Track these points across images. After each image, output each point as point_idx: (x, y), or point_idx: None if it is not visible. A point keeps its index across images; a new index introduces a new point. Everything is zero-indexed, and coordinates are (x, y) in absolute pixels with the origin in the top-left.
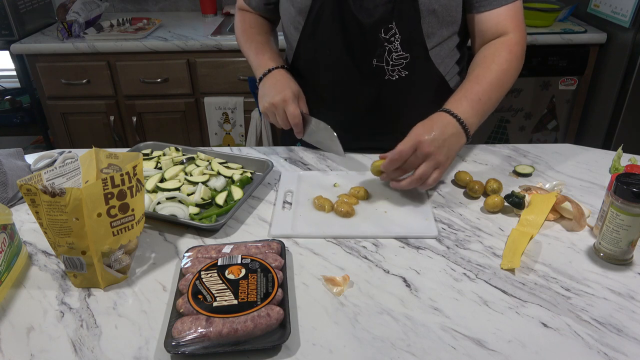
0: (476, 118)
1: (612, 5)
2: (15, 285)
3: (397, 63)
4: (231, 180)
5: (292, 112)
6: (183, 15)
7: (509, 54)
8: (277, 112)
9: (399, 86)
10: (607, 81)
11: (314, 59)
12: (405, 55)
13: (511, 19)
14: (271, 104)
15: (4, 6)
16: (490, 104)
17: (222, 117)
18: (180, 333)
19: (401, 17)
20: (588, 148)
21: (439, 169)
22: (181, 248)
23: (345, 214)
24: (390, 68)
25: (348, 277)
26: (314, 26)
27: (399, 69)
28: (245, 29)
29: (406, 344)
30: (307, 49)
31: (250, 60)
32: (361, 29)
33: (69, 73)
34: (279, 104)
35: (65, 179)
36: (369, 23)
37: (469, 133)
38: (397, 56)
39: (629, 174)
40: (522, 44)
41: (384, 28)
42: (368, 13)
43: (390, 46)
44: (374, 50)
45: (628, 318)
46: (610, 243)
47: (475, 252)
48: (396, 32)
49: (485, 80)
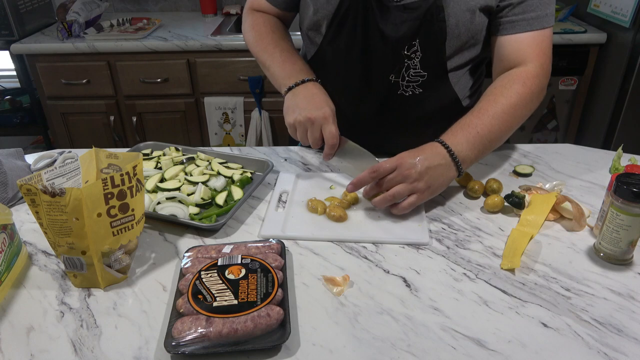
0: (472, 152)
1: (612, 5)
2: (15, 285)
3: (414, 80)
4: (231, 180)
5: (332, 132)
6: (183, 15)
7: (522, 87)
8: (313, 129)
9: (410, 102)
10: (607, 81)
11: (327, 65)
12: (423, 74)
13: (534, 47)
14: (308, 119)
15: (4, 6)
16: (492, 139)
17: (222, 117)
18: (180, 333)
19: (427, 35)
20: (588, 148)
21: (416, 194)
22: (181, 248)
23: (337, 219)
24: (405, 84)
25: (348, 277)
26: (335, 33)
27: (414, 85)
28: (266, 32)
29: (406, 344)
30: (324, 55)
31: (271, 66)
32: (384, 42)
33: (69, 73)
34: (318, 120)
35: (65, 179)
36: (394, 38)
37: (460, 166)
38: (414, 73)
39: (629, 174)
40: (540, 78)
41: (407, 45)
42: (394, 28)
43: (410, 62)
44: (394, 65)
45: (628, 318)
46: (610, 243)
47: (475, 252)
48: (418, 49)
49: (488, 113)
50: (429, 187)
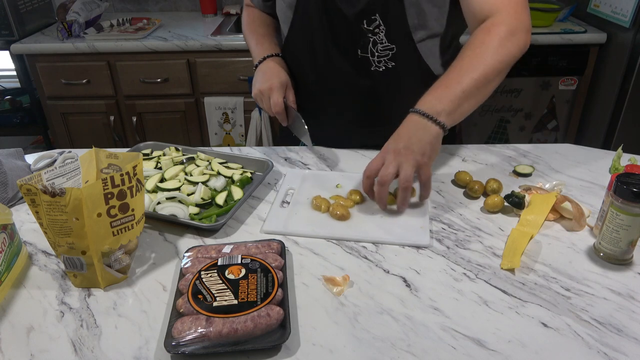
0: (444, 103)
1: (612, 5)
2: (15, 285)
3: (383, 54)
4: (231, 180)
5: (274, 101)
6: (183, 15)
7: (487, 35)
8: (264, 100)
9: (386, 77)
10: (607, 81)
11: (302, 52)
12: (391, 47)
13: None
14: (259, 91)
15: (4, 6)
16: (464, 87)
17: (222, 117)
18: (180, 333)
19: (385, 8)
20: (588, 148)
21: (421, 166)
22: (181, 248)
23: (340, 217)
24: (376, 59)
25: (348, 277)
26: (302, 20)
27: (385, 60)
28: (249, 22)
29: (406, 344)
30: (296, 42)
31: (251, 52)
32: (345, 20)
33: (69, 73)
34: (265, 92)
35: (65, 179)
36: (352, 14)
37: (438, 121)
38: (382, 47)
39: (629, 174)
40: (508, 24)
41: (366, 19)
42: (350, 4)
43: (375, 37)
44: (358, 41)
45: (628, 318)
46: (610, 243)
47: (475, 252)
48: (380, 23)
49: (453, 67)
50: (424, 153)
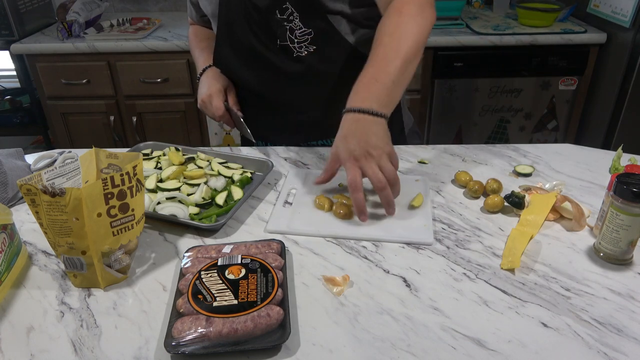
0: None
1: (612, 5)
2: (15, 285)
3: (302, 40)
4: (231, 180)
5: (215, 105)
6: (183, 15)
7: (400, 17)
8: (207, 108)
9: (311, 61)
10: (607, 81)
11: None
12: (308, 31)
13: None
14: (201, 101)
15: (4, 6)
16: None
17: None
18: (180, 333)
19: None
20: (588, 148)
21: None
22: (181, 248)
23: (343, 216)
24: (296, 46)
25: (348, 277)
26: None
27: (305, 45)
28: (192, 38)
29: (406, 344)
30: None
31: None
32: (258, 13)
33: (69, 73)
34: (207, 100)
35: (65, 179)
36: (264, 6)
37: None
38: (300, 33)
39: (629, 174)
40: (416, 2)
41: (278, 9)
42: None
43: (291, 25)
44: (276, 31)
45: (628, 318)
46: (610, 243)
47: (475, 252)
48: (293, 11)
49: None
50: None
